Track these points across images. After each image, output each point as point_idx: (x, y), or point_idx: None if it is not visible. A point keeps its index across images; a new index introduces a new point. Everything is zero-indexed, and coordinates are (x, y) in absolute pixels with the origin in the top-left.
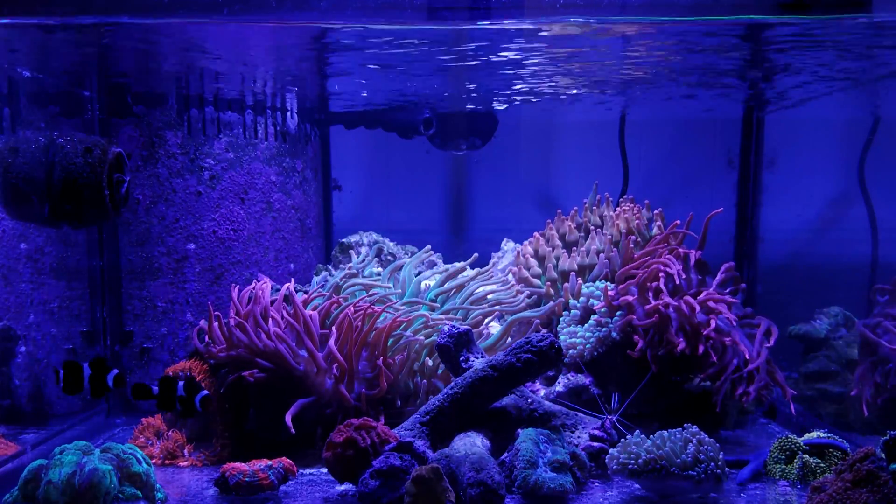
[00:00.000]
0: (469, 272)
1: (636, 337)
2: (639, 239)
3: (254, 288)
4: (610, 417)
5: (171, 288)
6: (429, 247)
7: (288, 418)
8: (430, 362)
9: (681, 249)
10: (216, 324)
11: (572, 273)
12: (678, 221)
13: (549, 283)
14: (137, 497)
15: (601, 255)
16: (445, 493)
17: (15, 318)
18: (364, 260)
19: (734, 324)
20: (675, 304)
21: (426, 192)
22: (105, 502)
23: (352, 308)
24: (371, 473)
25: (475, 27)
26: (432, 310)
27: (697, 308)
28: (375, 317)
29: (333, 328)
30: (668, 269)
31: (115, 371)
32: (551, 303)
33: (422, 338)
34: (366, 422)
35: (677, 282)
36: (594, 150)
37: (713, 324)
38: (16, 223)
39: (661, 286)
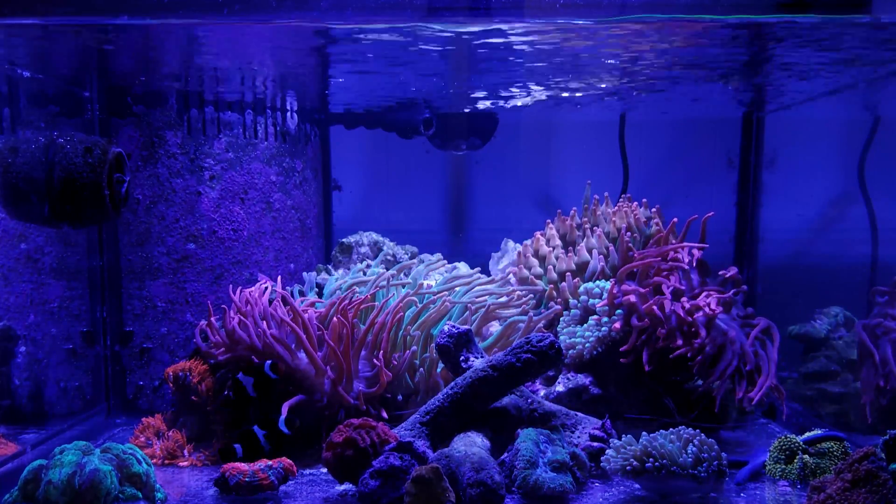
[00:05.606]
0: (470, 272)
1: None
2: (637, 236)
3: (251, 291)
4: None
5: (171, 288)
6: (440, 255)
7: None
8: (430, 355)
9: (685, 252)
10: (219, 322)
11: (569, 273)
12: (675, 220)
13: (551, 285)
14: (137, 497)
15: (596, 252)
16: (445, 493)
17: (15, 318)
18: (369, 265)
19: (733, 324)
20: (672, 314)
21: (426, 192)
22: (105, 502)
23: (348, 311)
24: (371, 473)
25: (475, 27)
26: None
27: (692, 315)
28: (374, 315)
29: (329, 329)
30: (670, 282)
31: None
32: (552, 305)
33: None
34: (366, 422)
35: (679, 287)
36: (594, 150)
37: (721, 326)
38: (16, 223)
39: (665, 303)
